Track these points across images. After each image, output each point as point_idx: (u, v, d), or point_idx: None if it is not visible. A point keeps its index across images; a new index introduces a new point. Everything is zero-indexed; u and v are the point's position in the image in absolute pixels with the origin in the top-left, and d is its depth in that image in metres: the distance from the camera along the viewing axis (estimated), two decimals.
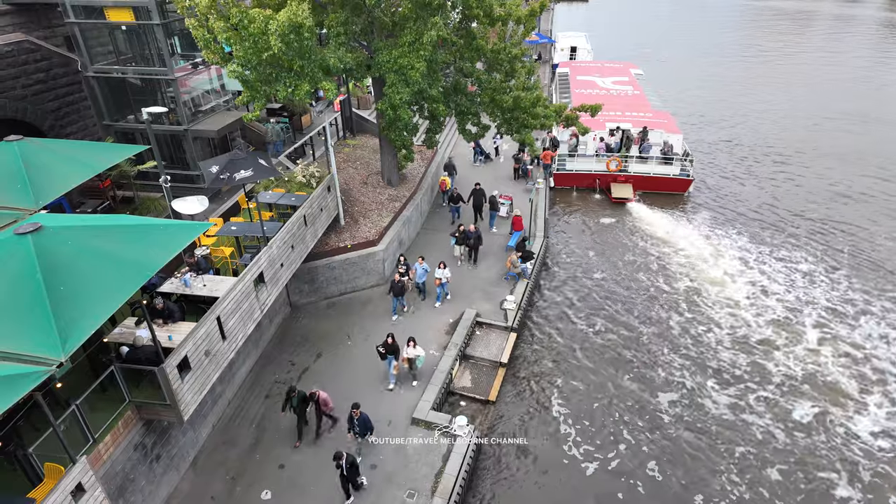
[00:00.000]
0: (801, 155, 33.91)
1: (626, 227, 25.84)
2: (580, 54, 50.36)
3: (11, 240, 8.70)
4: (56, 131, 19.20)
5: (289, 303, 19.06)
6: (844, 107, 43.03)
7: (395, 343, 15.18)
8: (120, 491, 11.15)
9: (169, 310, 12.52)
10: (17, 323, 8.08)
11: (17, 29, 19.11)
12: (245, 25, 15.32)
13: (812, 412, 15.79)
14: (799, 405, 16.02)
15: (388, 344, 15.13)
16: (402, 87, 18.06)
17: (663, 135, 28.91)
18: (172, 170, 19.39)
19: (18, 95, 17.92)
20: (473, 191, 23.37)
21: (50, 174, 12.29)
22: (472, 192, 23.38)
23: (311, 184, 18.77)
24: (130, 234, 10.04)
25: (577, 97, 33.08)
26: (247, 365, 16.37)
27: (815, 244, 24.14)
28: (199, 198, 14.30)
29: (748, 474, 14.05)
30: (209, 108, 21.32)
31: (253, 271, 13.92)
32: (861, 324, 19.21)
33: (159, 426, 12.23)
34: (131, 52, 19.74)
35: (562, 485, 13.85)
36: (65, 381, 10.93)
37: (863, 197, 28.43)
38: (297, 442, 13.91)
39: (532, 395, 16.46)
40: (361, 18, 18.38)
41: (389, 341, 15.14)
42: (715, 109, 42.78)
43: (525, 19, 19.97)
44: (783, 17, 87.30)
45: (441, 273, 18.61)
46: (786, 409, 15.88)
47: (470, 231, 20.66)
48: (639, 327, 19.22)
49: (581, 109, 21.47)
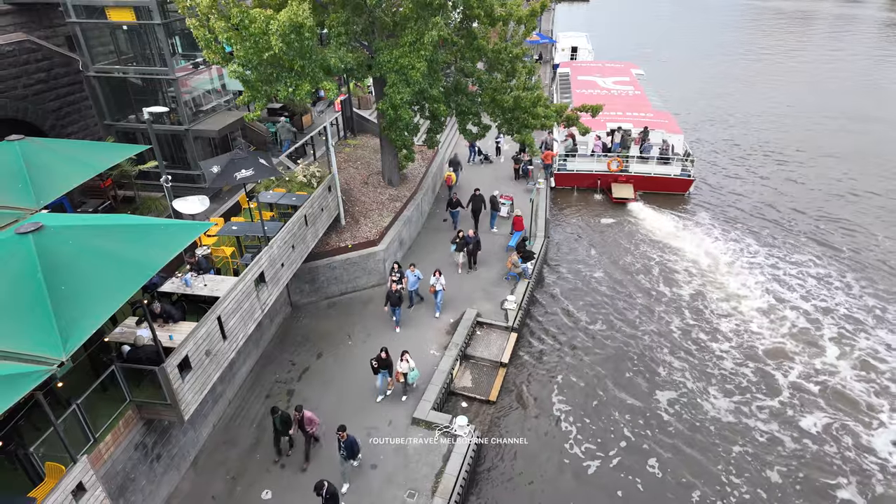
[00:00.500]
0: (802, 154, 33.91)
1: (627, 227, 25.83)
2: (581, 54, 50.38)
3: (13, 239, 8.71)
4: (57, 131, 19.22)
5: (289, 302, 19.06)
6: (845, 106, 43.01)
7: (388, 358, 14.70)
8: (121, 490, 11.16)
9: (167, 312, 12.51)
10: (18, 322, 8.08)
11: (18, 28, 19.13)
12: (246, 25, 15.32)
13: (821, 419, 15.77)
14: (803, 410, 16.01)
15: (382, 359, 14.62)
16: (402, 87, 18.06)
17: (663, 134, 28.91)
18: (173, 169, 19.42)
19: (20, 95, 17.94)
20: (472, 196, 23.04)
21: (51, 174, 12.30)
22: (472, 198, 23.06)
23: (311, 184, 18.78)
24: (131, 233, 10.04)
25: (578, 97, 33.08)
26: (247, 365, 16.37)
27: (814, 244, 24.13)
28: (200, 197, 14.31)
29: (747, 473, 14.05)
30: (210, 108, 21.34)
31: (254, 271, 13.93)
32: (870, 327, 19.09)
33: (160, 426, 12.23)
34: (132, 52, 19.75)
35: (563, 484, 13.84)
36: (66, 381, 10.94)
37: (865, 196, 28.40)
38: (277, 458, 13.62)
39: (533, 394, 16.46)
40: (362, 18, 18.39)
41: (383, 356, 14.62)
42: (716, 109, 42.77)
43: (526, 19, 19.96)
44: (784, 17, 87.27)
45: (435, 281, 18.03)
46: (788, 413, 15.87)
47: (469, 236, 20.41)
48: (640, 327, 19.21)
49: (582, 109, 21.47)
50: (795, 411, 15.84)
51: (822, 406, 16.00)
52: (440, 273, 18.20)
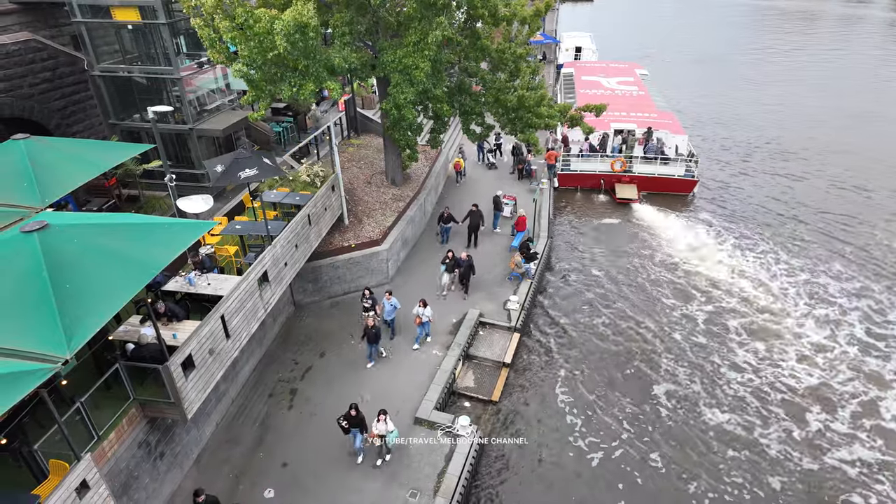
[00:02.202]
0: (807, 153, 33.80)
1: (630, 227, 25.78)
2: (585, 54, 50.25)
3: (18, 238, 8.74)
4: (62, 130, 19.30)
5: (292, 302, 19.09)
6: (850, 106, 42.80)
7: (359, 414, 12.81)
8: (124, 488, 11.20)
9: (171, 311, 12.55)
10: (22, 320, 8.11)
11: (23, 28, 19.23)
12: (250, 25, 15.35)
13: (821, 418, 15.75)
14: (804, 407, 15.99)
15: (352, 416, 12.75)
16: (406, 87, 18.07)
17: (657, 132, 28.93)
18: (177, 169, 19.46)
19: (25, 94, 18.02)
20: (470, 212, 21.40)
21: (56, 173, 12.34)
22: (469, 213, 21.46)
23: (315, 183, 18.80)
24: (135, 232, 10.07)
25: (582, 97, 33.03)
26: (250, 364, 16.41)
27: (816, 245, 24.04)
28: (204, 197, 14.35)
29: (749, 473, 14.02)
30: (214, 108, 21.40)
31: (257, 270, 13.96)
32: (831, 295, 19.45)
33: (163, 424, 12.27)
34: (137, 52, 19.82)
35: (565, 484, 13.83)
36: (70, 379, 10.99)
37: (869, 196, 28.28)
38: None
39: (535, 395, 16.44)
40: (366, 18, 18.41)
41: (353, 413, 12.73)
42: (720, 109, 42.63)
43: (530, 19, 19.97)
44: (788, 17, 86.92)
45: (421, 311, 16.36)
46: (788, 411, 15.85)
47: (462, 259, 18.57)
48: (642, 327, 19.18)
49: (586, 109, 21.43)
50: (796, 409, 15.82)
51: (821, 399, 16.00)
52: (425, 303, 16.37)
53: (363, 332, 15.82)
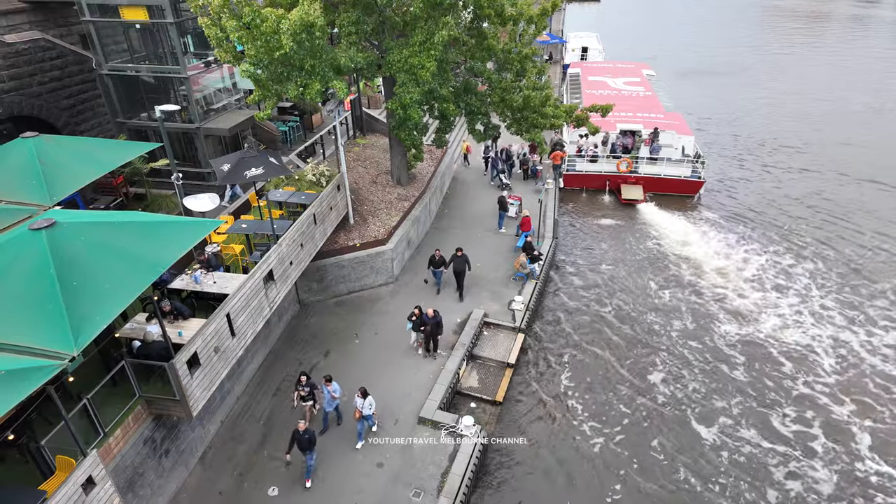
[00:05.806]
0: (814, 153, 33.57)
1: (636, 228, 25.69)
2: (591, 54, 50.13)
3: (26, 235, 8.82)
4: (70, 128, 19.45)
5: (298, 300, 19.15)
6: (857, 106, 42.49)
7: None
8: (129, 484, 11.27)
9: (177, 309, 12.61)
10: (30, 317, 8.19)
11: (33, 27, 19.38)
12: (257, 24, 15.41)
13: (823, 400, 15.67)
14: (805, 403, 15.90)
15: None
16: (412, 87, 18.08)
17: (664, 133, 28.80)
18: (184, 167, 19.56)
19: (34, 93, 18.16)
20: (454, 256, 18.77)
21: (64, 171, 12.45)
22: (452, 258, 18.82)
23: (320, 182, 18.85)
24: (142, 230, 10.14)
25: (589, 97, 32.95)
26: (255, 362, 16.47)
27: (822, 247, 23.88)
28: (211, 195, 14.44)
29: (751, 475, 13.96)
30: (221, 107, 21.49)
31: (263, 269, 14.00)
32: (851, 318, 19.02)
33: (169, 421, 12.33)
34: (145, 51, 19.94)
35: (567, 486, 13.81)
36: (76, 376, 11.04)
37: (878, 196, 28.06)
38: None
39: (539, 395, 16.41)
40: (373, 18, 18.43)
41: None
42: (727, 110, 42.40)
43: (536, 19, 19.92)
44: (796, 17, 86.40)
45: (360, 403, 13.55)
46: (788, 409, 15.76)
47: (427, 315, 16.07)
48: (647, 327, 19.11)
49: (591, 110, 21.37)
50: (797, 407, 15.74)
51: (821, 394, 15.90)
52: (366, 393, 13.63)
53: (291, 439, 12.44)
